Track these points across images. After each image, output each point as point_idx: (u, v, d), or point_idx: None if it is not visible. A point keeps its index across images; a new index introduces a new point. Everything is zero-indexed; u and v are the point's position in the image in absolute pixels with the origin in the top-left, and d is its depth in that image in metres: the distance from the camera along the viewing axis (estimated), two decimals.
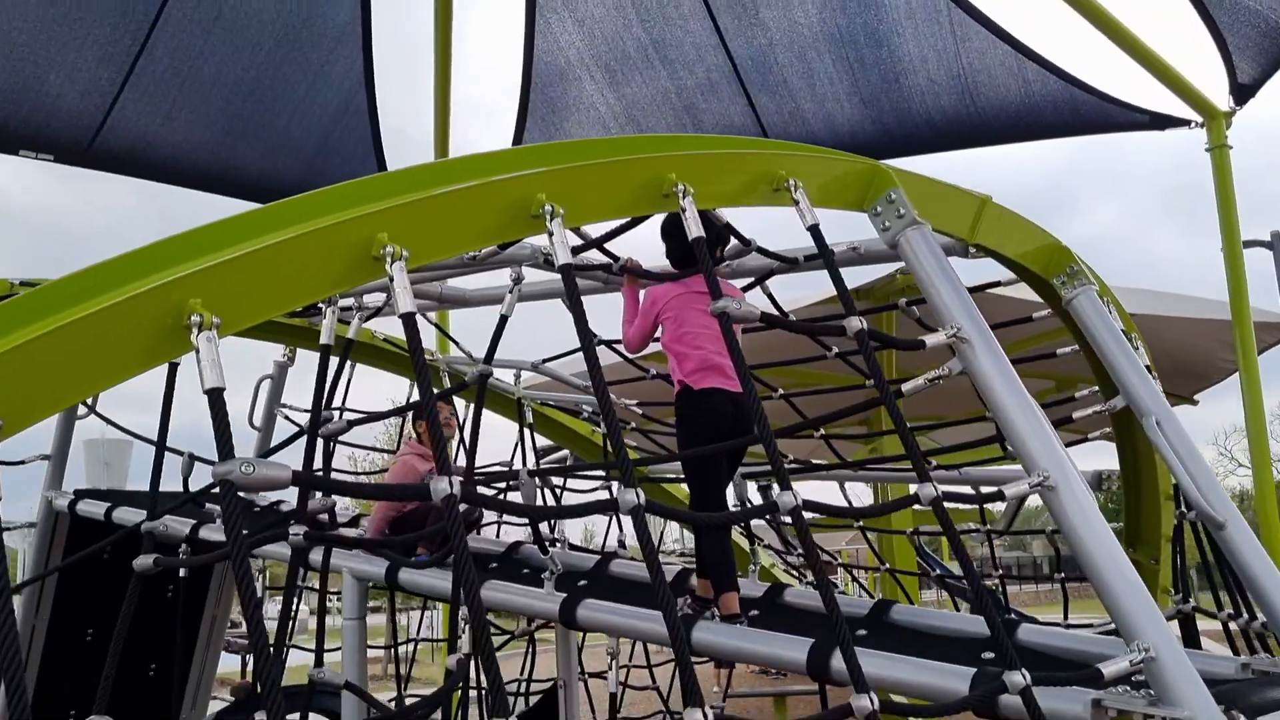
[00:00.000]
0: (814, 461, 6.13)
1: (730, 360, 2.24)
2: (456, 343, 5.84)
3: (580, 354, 6.08)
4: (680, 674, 1.89)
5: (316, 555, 4.24)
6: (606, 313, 5.63)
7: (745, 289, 3.95)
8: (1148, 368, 4.00)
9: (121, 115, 8.42)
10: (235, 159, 9.11)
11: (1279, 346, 14.76)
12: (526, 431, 5.52)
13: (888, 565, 6.78)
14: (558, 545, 5.16)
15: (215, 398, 1.73)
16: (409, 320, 1.92)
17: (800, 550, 7.59)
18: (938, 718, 2.24)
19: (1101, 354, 3.28)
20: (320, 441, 3.67)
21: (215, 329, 1.76)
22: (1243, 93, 7.93)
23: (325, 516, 3.62)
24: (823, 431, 5.44)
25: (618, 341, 6.00)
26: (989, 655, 3.51)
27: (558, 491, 5.85)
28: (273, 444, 6.24)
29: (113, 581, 5.29)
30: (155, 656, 6.14)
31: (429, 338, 6.61)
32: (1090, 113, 8.53)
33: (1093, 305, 3.32)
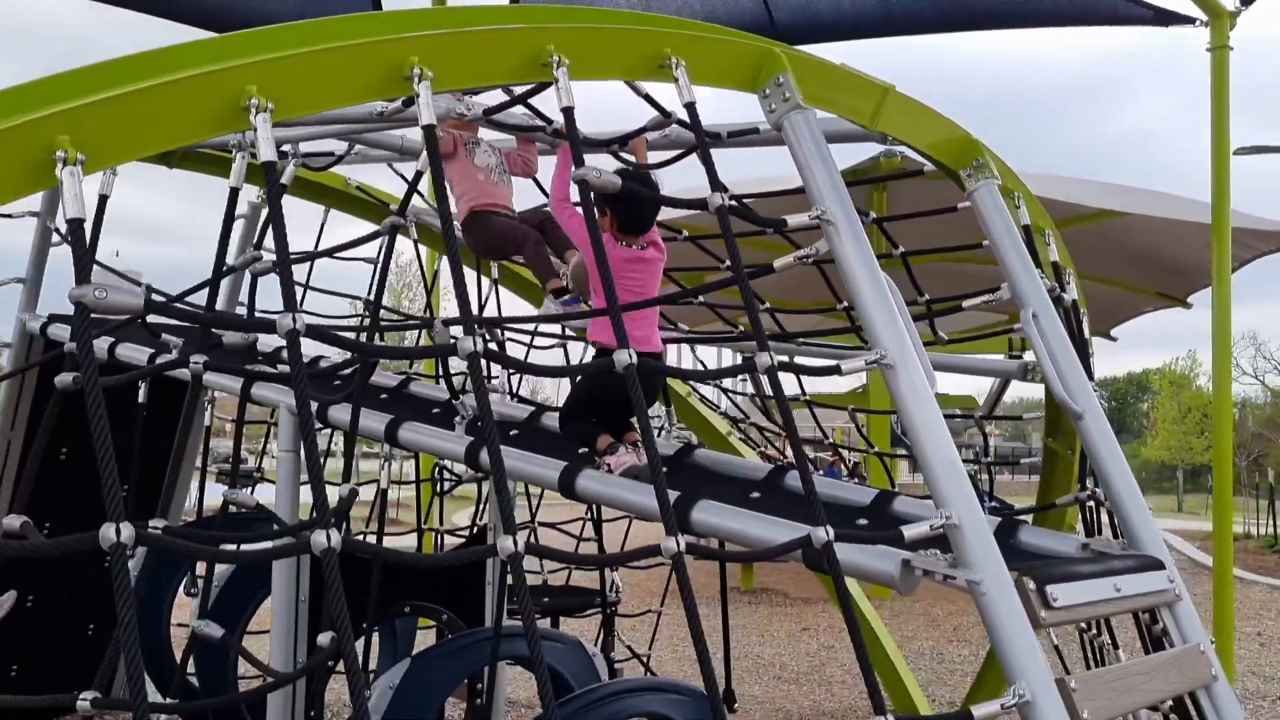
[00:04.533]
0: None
1: None
2: (420, 194, 5.96)
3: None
4: (501, 505, 2.11)
5: (262, 390, 4.49)
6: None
7: (668, 162, 4.07)
8: (1056, 264, 4.14)
9: None
10: None
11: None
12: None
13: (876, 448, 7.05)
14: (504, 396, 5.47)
15: (75, 228, 1.90)
16: (269, 168, 2.08)
17: (750, 420, 7.86)
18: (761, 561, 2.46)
19: (993, 246, 3.41)
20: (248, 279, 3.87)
21: (80, 165, 1.92)
22: None
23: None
24: (767, 304, 5.62)
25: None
26: (863, 522, 3.77)
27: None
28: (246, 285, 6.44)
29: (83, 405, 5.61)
30: (128, 479, 6.52)
31: (397, 189, 6.72)
32: (1100, 1, 8.40)
33: (991, 199, 3.43)
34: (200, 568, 5.11)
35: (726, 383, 9.10)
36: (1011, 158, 3.84)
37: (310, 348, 5.65)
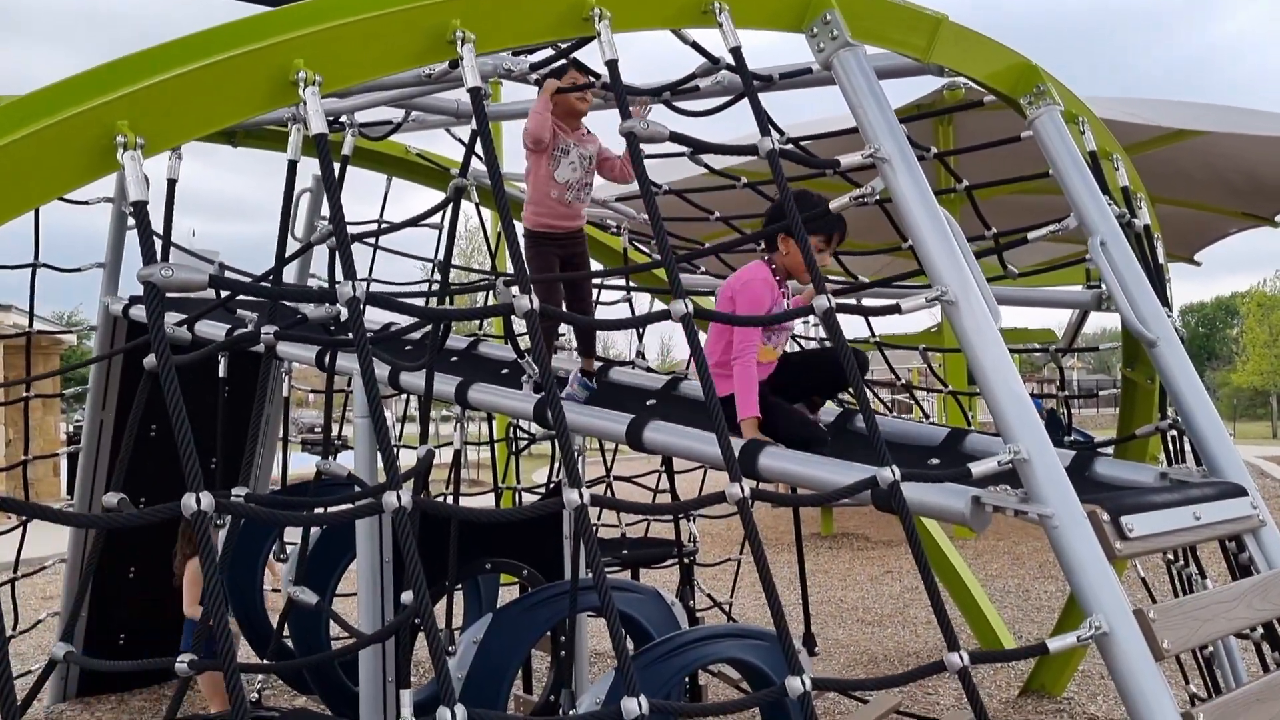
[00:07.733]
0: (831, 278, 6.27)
1: None
2: (479, 155, 5.98)
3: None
4: (565, 459, 2.14)
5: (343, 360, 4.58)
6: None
7: (719, 109, 4.03)
8: (1126, 189, 4.03)
9: None
10: None
11: None
12: None
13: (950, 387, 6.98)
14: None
15: (139, 210, 1.96)
16: (320, 140, 2.11)
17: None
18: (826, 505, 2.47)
19: (1057, 174, 3.34)
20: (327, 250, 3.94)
21: (140, 149, 1.98)
22: None
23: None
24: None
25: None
26: (935, 461, 3.74)
27: None
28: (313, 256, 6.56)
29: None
30: (215, 452, 6.72)
31: (456, 153, 6.76)
32: None
33: (1054, 126, 3.35)
34: (292, 535, 5.26)
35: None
36: (1090, 82, 3.75)
37: (383, 315, 5.75)
